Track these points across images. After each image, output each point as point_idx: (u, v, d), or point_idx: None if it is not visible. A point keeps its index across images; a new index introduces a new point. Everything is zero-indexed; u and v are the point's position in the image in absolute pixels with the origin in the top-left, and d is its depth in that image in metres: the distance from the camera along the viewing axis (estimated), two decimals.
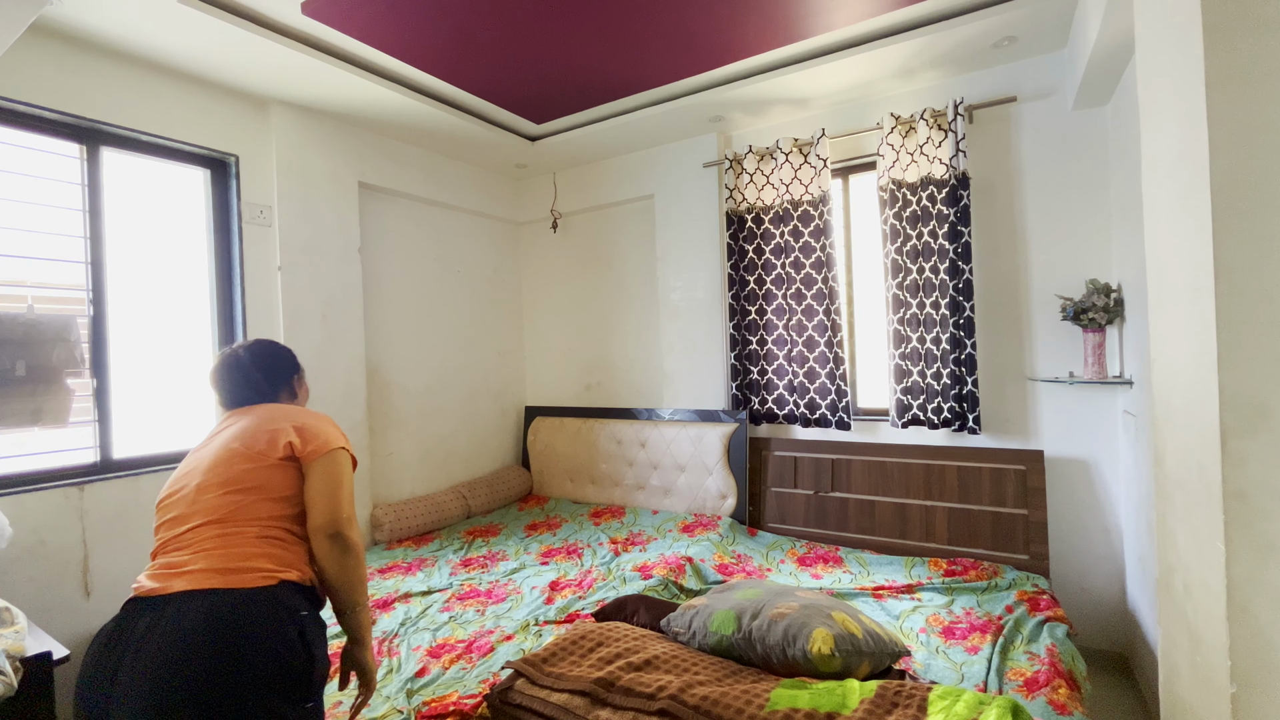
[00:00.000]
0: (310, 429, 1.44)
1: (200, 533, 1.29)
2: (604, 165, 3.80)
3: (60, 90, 2.21)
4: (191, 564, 1.24)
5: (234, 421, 1.48)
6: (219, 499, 1.32)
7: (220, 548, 1.26)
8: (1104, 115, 2.53)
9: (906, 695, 1.45)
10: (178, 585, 1.20)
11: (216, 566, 1.23)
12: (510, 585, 2.56)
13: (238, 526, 1.30)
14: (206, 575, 1.21)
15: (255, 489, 1.34)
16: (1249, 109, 0.90)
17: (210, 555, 1.25)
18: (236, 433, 1.43)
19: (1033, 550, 2.54)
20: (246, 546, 1.27)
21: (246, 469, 1.36)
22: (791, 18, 2.37)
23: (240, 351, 1.59)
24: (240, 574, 1.23)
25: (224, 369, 1.56)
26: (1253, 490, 0.91)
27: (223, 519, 1.30)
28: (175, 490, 1.39)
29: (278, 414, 1.48)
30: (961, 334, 2.65)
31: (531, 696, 1.61)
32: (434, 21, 2.30)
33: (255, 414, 1.49)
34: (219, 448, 1.41)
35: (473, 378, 3.85)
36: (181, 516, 1.33)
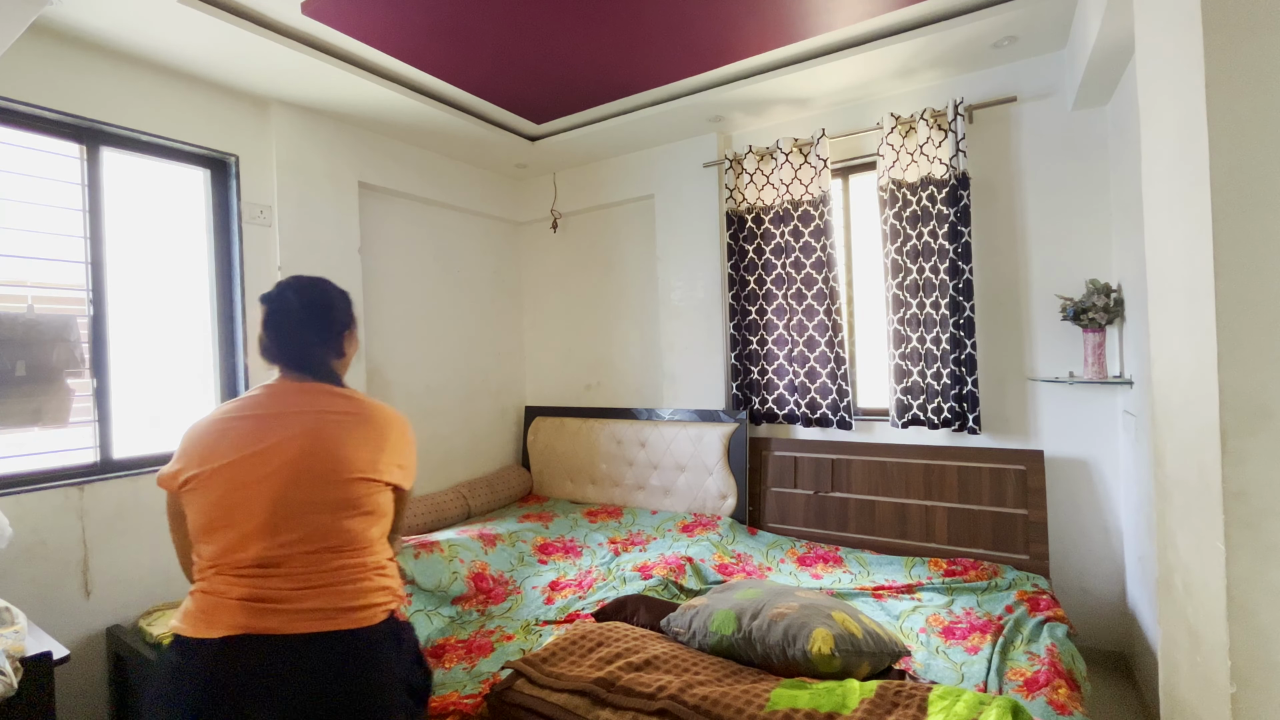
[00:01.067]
0: (410, 456, 1.35)
1: (297, 563, 1.14)
2: (604, 165, 3.80)
3: (60, 90, 2.21)
4: (301, 600, 1.12)
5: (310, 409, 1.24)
6: (322, 521, 1.16)
7: (334, 582, 1.15)
8: (1104, 115, 2.53)
9: (906, 695, 1.45)
10: (296, 626, 1.10)
11: (336, 606, 1.13)
12: (510, 585, 2.56)
13: (341, 556, 1.17)
14: (327, 616, 1.12)
15: (367, 514, 1.22)
16: (1249, 109, 0.90)
17: (324, 592, 1.13)
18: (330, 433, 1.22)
19: (1033, 550, 2.54)
20: (359, 580, 1.17)
21: (357, 490, 1.21)
22: (791, 18, 2.37)
23: (291, 297, 1.33)
24: (361, 611, 1.15)
25: (276, 317, 1.32)
26: (1253, 490, 0.91)
27: (327, 549, 1.16)
28: (232, 489, 1.16)
29: (387, 428, 1.29)
30: (961, 334, 2.65)
31: (531, 696, 1.61)
32: (434, 21, 2.30)
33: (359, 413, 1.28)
34: (310, 451, 1.19)
35: (473, 378, 3.85)
36: (254, 529, 1.14)
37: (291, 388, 1.28)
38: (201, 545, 1.18)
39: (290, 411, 1.24)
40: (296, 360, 1.30)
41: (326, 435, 1.22)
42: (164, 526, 2.41)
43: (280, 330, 1.30)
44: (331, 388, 1.30)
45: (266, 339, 1.30)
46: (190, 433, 1.26)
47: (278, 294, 1.33)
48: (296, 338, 1.30)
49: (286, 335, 1.30)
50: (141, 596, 2.35)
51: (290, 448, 1.18)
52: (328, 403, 1.26)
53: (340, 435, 1.23)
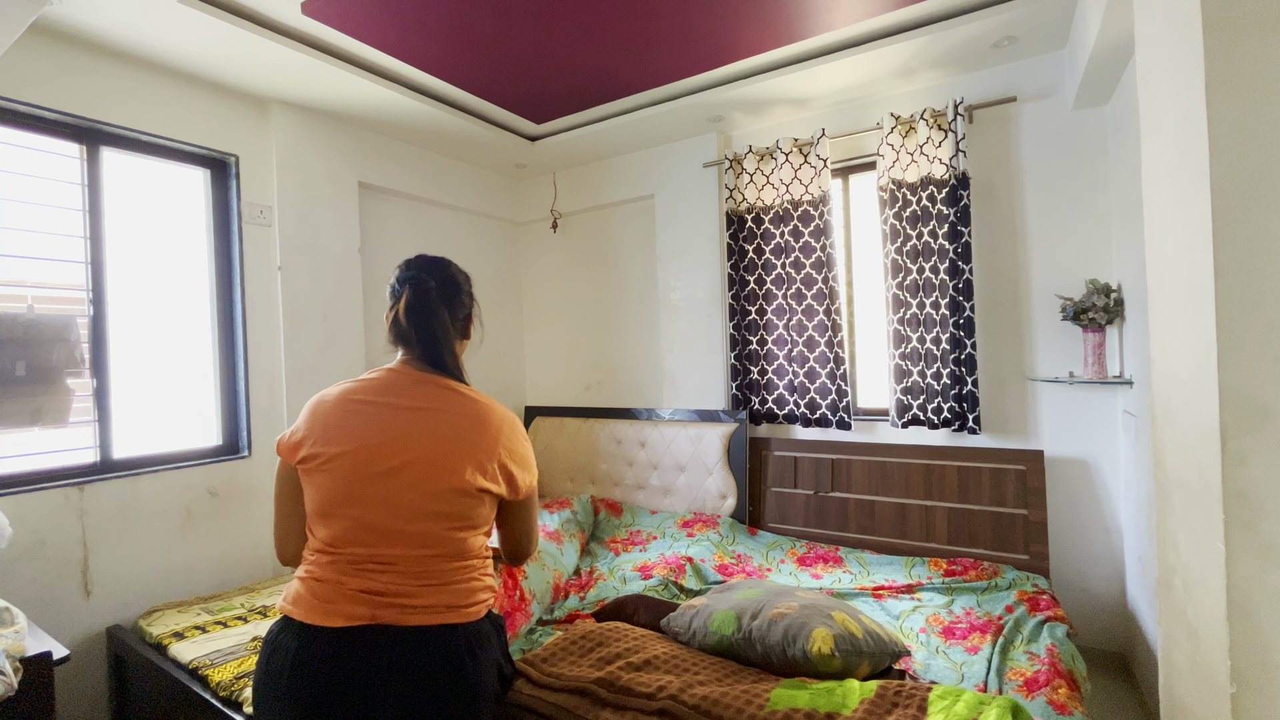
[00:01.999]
0: (525, 464, 1.29)
1: (408, 563, 1.17)
2: (604, 165, 3.80)
3: (60, 90, 2.21)
4: (419, 596, 1.16)
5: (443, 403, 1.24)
6: (428, 530, 1.17)
7: (447, 581, 1.19)
8: (1104, 115, 2.53)
9: (906, 695, 1.45)
10: (415, 619, 1.15)
11: (445, 603, 1.18)
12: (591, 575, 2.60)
13: (448, 562, 1.20)
14: (439, 612, 1.17)
15: (470, 527, 1.23)
16: (1249, 109, 0.90)
17: (439, 590, 1.18)
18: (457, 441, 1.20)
19: (1033, 550, 2.54)
20: (468, 580, 1.22)
21: (463, 504, 1.20)
22: (791, 18, 2.37)
23: (426, 275, 1.30)
24: (460, 609, 1.19)
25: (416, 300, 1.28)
26: (1253, 490, 0.91)
27: (437, 556, 1.19)
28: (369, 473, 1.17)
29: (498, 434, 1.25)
30: (961, 334, 2.65)
31: (531, 696, 1.61)
32: (434, 21, 2.30)
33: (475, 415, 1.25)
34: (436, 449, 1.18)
35: (473, 378, 3.81)
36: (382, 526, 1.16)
37: (414, 377, 1.27)
38: (317, 527, 1.20)
39: (415, 406, 1.22)
40: (428, 344, 1.29)
41: (444, 439, 1.20)
42: (164, 527, 2.42)
43: (420, 314, 1.28)
44: (451, 384, 1.28)
45: (406, 321, 1.28)
46: (315, 407, 1.25)
47: (416, 275, 1.30)
48: (431, 322, 1.28)
49: (424, 319, 1.28)
50: (141, 596, 2.35)
51: (411, 448, 1.18)
52: (448, 401, 1.24)
53: (456, 441, 1.20)
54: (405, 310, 1.28)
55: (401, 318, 1.28)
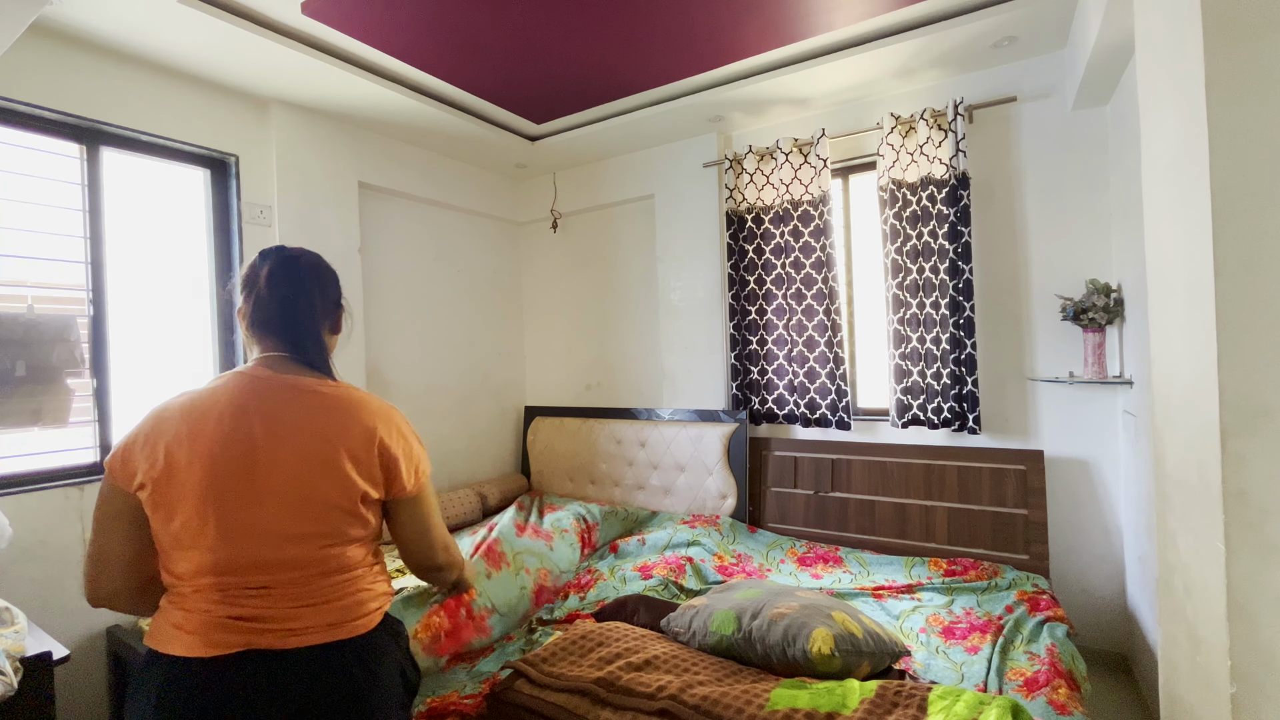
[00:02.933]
0: (398, 466, 1.16)
1: (283, 588, 1.07)
2: (604, 165, 3.80)
3: (60, 90, 2.21)
4: (292, 620, 1.06)
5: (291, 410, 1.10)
6: (303, 554, 1.07)
7: (329, 599, 1.09)
8: (1104, 115, 2.53)
9: (906, 695, 1.45)
10: (277, 642, 1.04)
11: (325, 621, 1.08)
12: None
13: (328, 577, 1.10)
14: (318, 631, 1.07)
15: (360, 540, 1.14)
16: (1249, 109, 0.90)
17: (311, 612, 1.07)
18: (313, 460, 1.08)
19: (1033, 550, 2.54)
20: (354, 594, 1.12)
21: (337, 520, 1.10)
22: (791, 18, 2.37)
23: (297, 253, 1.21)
24: (357, 620, 1.11)
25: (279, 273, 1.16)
26: (1253, 490, 0.91)
27: (315, 575, 1.09)
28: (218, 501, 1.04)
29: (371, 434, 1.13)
30: (961, 334, 2.65)
31: (531, 696, 1.61)
32: (434, 21, 2.30)
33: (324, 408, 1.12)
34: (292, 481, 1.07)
35: (473, 378, 3.85)
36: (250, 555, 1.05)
37: (273, 383, 1.12)
38: (172, 561, 1.06)
39: (274, 415, 1.09)
40: (292, 329, 1.17)
41: (309, 453, 1.08)
42: None
43: (287, 284, 1.15)
44: (317, 383, 1.15)
45: (268, 292, 1.14)
46: (156, 423, 1.08)
47: (280, 248, 1.20)
48: (297, 295, 1.17)
49: (291, 290, 1.16)
50: None
51: (273, 468, 1.06)
52: (312, 405, 1.12)
53: (323, 451, 1.09)
54: (268, 279, 1.14)
55: (263, 286, 1.14)
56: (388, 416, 1.19)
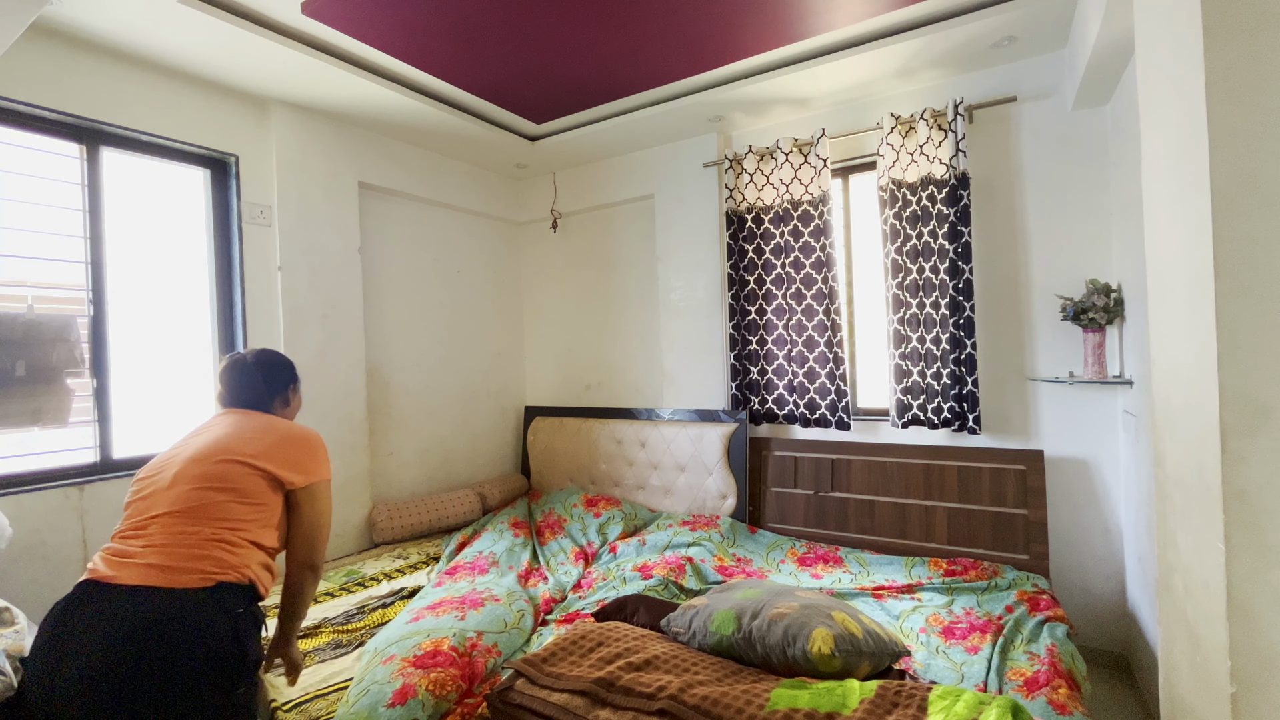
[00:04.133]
0: (305, 460, 1.54)
1: (159, 523, 1.35)
2: (604, 165, 3.80)
3: (60, 90, 2.21)
4: (142, 556, 1.30)
5: (228, 421, 1.56)
6: (190, 491, 1.38)
7: (172, 544, 1.32)
8: (1104, 115, 2.53)
9: (906, 695, 1.45)
10: (125, 577, 1.27)
11: (162, 564, 1.29)
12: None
13: (196, 524, 1.35)
14: (152, 571, 1.28)
15: (231, 490, 1.41)
16: (1249, 109, 0.90)
17: (160, 551, 1.31)
18: (229, 432, 1.51)
19: (1033, 550, 2.54)
20: (195, 548, 1.33)
21: (229, 469, 1.43)
22: (791, 18, 2.37)
23: (247, 355, 1.72)
24: (182, 573, 1.29)
25: (230, 367, 1.68)
26: (1253, 490, 0.91)
27: (185, 512, 1.36)
28: (151, 474, 1.45)
29: (276, 430, 1.56)
30: (961, 334, 2.65)
31: (531, 696, 1.61)
32: (434, 21, 2.30)
33: (253, 420, 1.57)
34: (208, 442, 1.48)
35: (473, 378, 3.85)
36: (149, 503, 1.39)
37: (229, 412, 1.61)
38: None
39: (215, 425, 1.55)
40: (244, 398, 1.64)
41: (224, 433, 1.50)
42: None
43: (236, 372, 1.65)
44: (261, 413, 1.62)
45: (222, 379, 1.66)
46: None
47: (238, 352, 1.71)
48: (250, 379, 1.65)
49: (241, 377, 1.64)
50: None
51: (196, 444, 1.47)
52: (245, 417, 1.58)
53: (235, 432, 1.50)
54: (221, 370, 1.67)
55: (219, 375, 1.67)
56: (302, 435, 1.59)
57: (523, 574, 2.62)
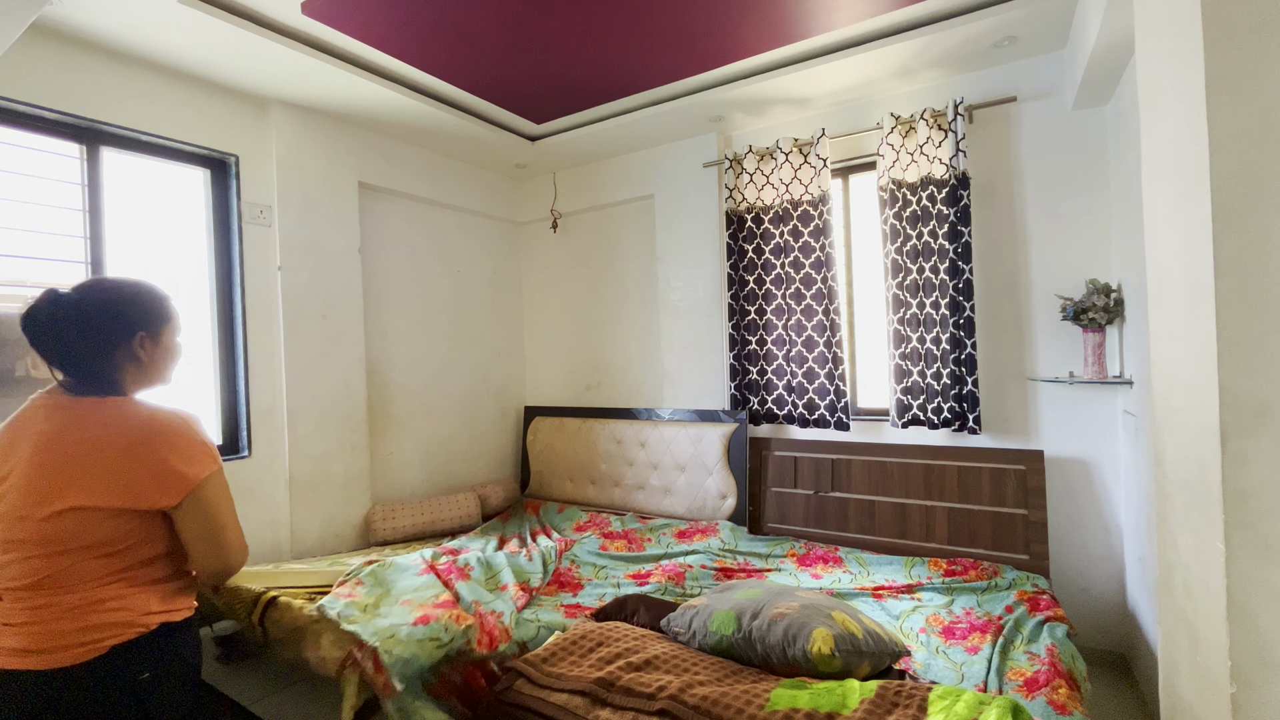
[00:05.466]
0: (168, 470, 1.14)
1: (11, 598, 1.09)
2: (604, 165, 3.80)
3: (60, 90, 2.21)
4: (5, 637, 1.08)
5: (48, 429, 1.13)
6: (27, 563, 1.08)
7: (33, 622, 1.07)
8: (1104, 115, 2.53)
9: (907, 695, 1.45)
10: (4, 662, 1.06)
11: (28, 647, 1.06)
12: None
13: (55, 595, 1.08)
14: (19, 656, 1.06)
15: (81, 550, 1.10)
16: (1249, 109, 0.90)
17: (22, 632, 1.07)
18: (50, 456, 1.10)
19: (1033, 550, 2.54)
20: (66, 622, 1.08)
21: (64, 525, 1.08)
22: (791, 18, 2.37)
23: (63, 299, 1.17)
24: (58, 652, 1.06)
25: (35, 322, 1.15)
26: (1253, 490, 0.91)
27: (33, 586, 1.08)
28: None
29: (113, 443, 1.13)
30: (961, 334, 2.65)
31: (531, 697, 1.61)
32: (434, 21, 2.30)
33: (81, 424, 1.14)
34: (25, 481, 1.10)
35: (472, 377, 3.85)
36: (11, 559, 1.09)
37: (46, 404, 1.17)
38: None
39: (32, 433, 1.13)
40: (60, 367, 1.18)
41: (39, 461, 1.10)
42: None
43: (43, 331, 1.16)
44: (90, 400, 1.17)
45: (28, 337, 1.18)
46: None
47: (51, 290, 1.18)
48: (63, 344, 1.17)
49: (51, 342, 1.16)
50: None
51: (13, 477, 1.11)
52: (68, 420, 1.14)
53: (59, 458, 1.10)
54: (22, 320, 1.16)
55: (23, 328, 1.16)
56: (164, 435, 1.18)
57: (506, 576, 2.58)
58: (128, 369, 1.23)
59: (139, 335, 1.23)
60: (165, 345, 1.29)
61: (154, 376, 1.29)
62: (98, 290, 1.21)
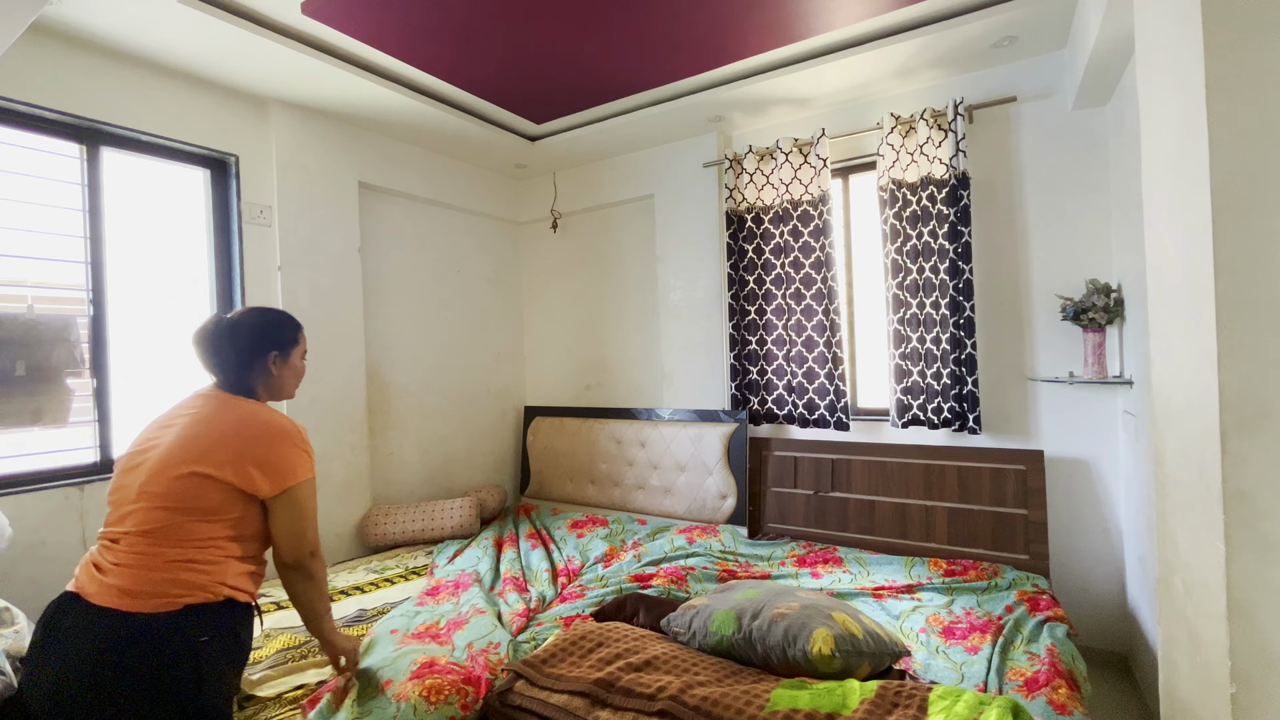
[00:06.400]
0: (274, 464, 1.41)
1: (127, 541, 1.31)
2: (604, 165, 3.80)
3: (60, 90, 2.21)
4: (110, 574, 1.28)
5: (197, 415, 1.43)
6: (151, 512, 1.32)
7: (135, 565, 1.28)
8: (1104, 115, 2.53)
9: (907, 695, 1.45)
10: (95, 594, 1.26)
11: (125, 586, 1.26)
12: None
13: (160, 546, 1.30)
14: (115, 594, 1.25)
15: (193, 510, 1.33)
16: (1249, 109, 0.90)
17: (124, 572, 1.28)
18: (192, 433, 1.39)
19: (1033, 550, 2.54)
20: (158, 570, 1.28)
21: (188, 485, 1.33)
22: (791, 18, 2.37)
23: (221, 321, 1.54)
24: (145, 598, 1.26)
25: (199, 337, 1.52)
26: (1253, 490, 0.91)
27: (149, 533, 1.31)
28: (131, 467, 1.39)
29: (242, 432, 1.41)
30: (961, 334, 2.65)
31: (531, 698, 1.61)
32: (434, 21, 2.30)
33: (221, 414, 1.44)
34: (171, 446, 1.37)
35: (472, 378, 3.85)
36: (121, 510, 1.35)
37: (203, 394, 1.49)
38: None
39: (185, 414, 1.44)
40: (215, 373, 1.51)
41: (188, 435, 1.38)
42: None
43: (206, 344, 1.50)
44: (234, 398, 1.48)
45: (196, 351, 1.52)
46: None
47: (217, 315, 1.54)
48: (219, 353, 1.49)
49: (211, 351, 1.50)
50: None
51: (161, 443, 1.38)
52: (214, 408, 1.45)
53: (198, 434, 1.38)
54: (193, 337, 1.51)
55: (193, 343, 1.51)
56: (272, 432, 1.46)
57: (505, 583, 2.53)
58: (261, 380, 1.55)
59: (272, 354, 1.55)
60: (292, 364, 1.61)
61: (281, 388, 1.60)
62: (248, 317, 1.56)
